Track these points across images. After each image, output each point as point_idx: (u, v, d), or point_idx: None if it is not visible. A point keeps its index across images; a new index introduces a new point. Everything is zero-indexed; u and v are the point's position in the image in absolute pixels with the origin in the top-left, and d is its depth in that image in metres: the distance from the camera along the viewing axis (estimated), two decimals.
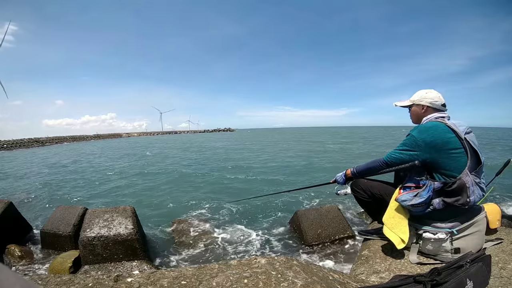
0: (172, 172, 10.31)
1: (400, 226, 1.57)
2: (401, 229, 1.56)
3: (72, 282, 1.12)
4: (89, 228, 2.79)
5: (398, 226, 1.57)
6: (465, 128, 1.52)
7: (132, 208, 3.13)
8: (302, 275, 1.12)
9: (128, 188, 7.79)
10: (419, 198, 1.48)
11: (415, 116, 1.72)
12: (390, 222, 1.60)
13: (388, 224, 1.60)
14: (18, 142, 37.72)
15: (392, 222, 1.59)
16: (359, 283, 1.31)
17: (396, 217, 1.59)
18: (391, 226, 1.59)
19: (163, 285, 1.08)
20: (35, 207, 5.89)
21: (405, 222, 1.58)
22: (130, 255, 2.76)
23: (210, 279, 1.11)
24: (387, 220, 1.62)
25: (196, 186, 7.67)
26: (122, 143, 37.79)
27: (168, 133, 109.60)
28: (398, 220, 1.58)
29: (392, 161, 1.62)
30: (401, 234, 1.55)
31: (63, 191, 7.63)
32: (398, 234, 1.56)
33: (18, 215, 3.72)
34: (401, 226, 1.57)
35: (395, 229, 1.57)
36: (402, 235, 1.55)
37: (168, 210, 5.35)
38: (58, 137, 52.90)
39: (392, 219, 1.60)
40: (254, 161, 13.13)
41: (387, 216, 1.62)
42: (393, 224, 1.58)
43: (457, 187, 1.44)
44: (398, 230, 1.57)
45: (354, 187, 1.91)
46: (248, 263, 1.25)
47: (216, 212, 4.93)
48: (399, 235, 1.55)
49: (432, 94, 1.65)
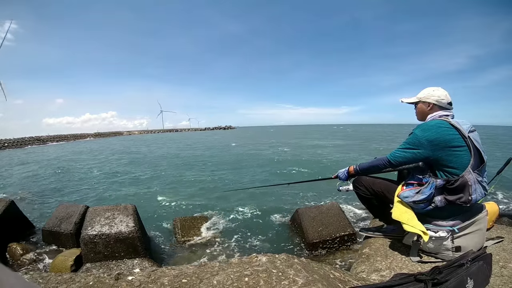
0: (172, 171, 10.33)
1: (414, 219, 1.53)
2: (417, 222, 1.51)
3: (73, 280, 1.13)
4: (90, 226, 2.80)
5: (413, 219, 1.53)
6: (469, 126, 1.51)
7: (133, 206, 3.14)
8: (303, 273, 1.12)
9: (130, 186, 7.80)
10: (421, 195, 1.48)
11: (421, 113, 1.71)
12: (405, 217, 1.54)
13: (404, 219, 1.54)
14: (19, 140, 37.79)
15: (407, 217, 1.54)
16: (360, 281, 1.31)
17: (407, 212, 1.56)
18: (407, 220, 1.53)
19: (164, 283, 1.08)
20: (37, 206, 5.91)
21: (414, 216, 1.54)
22: (131, 253, 2.77)
23: (211, 277, 1.11)
24: (400, 215, 1.56)
25: (196, 185, 7.68)
26: (121, 142, 37.81)
27: (169, 131, 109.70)
28: (411, 214, 1.55)
29: (395, 159, 1.61)
30: (419, 227, 1.50)
31: (64, 189, 7.65)
32: (417, 226, 1.50)
33: (19, 213, 3.74)
34: (415, 219, 1.53)
35: (412, 222, 1.52)
36: (421, 227, 1.49)
37: (169, 208, 5.36)
38: (58, 136, 52.98)
39: (405, 214, 1.55)
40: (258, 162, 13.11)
41: (399, 212, 1.57)
42: (408, 218, 1.53)
43: (459, 184, 1.43)
44: (415, 223, 1.51)
45: (356, 183, 1.91)
46: (249, 261, 1.25)
47: (217, 210, 4.94)
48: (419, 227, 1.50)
49: (439, 92, 1.64)
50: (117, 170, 11.02)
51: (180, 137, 46.11)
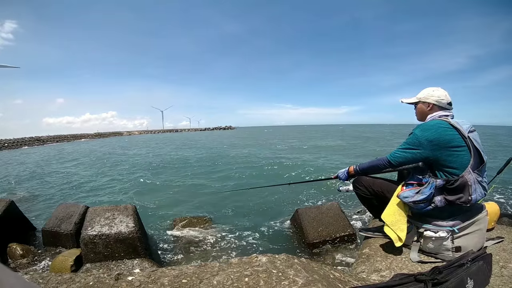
0: (172, 171, 10.32)
1: (399, 223, 1.57)
2: (400, 227, 1.56)
3: (73, 280, 1.12)
4: (90, 226, 2.79)
5: (397, 223, 1.57)
6: (469, 126, 1.51)
7: (134, 206, 3.13)
8: (303, 274, 1.12)
9: (130, 186, 7.80)
10: (421, 195, 1.48)
11: (421, 113, 1.71)
12: (390, 219, 1.59)
13: (388, 221, 1.59)
14: (19, 141, 37.77)
15: (392, 220, 1.59)
16: (360, 282, 1.31)
17: (396, 214, 1.59)
18: (390, 223, 1.58)
19: (164, 283, 1.08)
20: (37, 206, 5.91)
21: (404, 219, 1.57)
22: (131, 254, 2.77)
23: (211, 277, 1.11)
24: (387, 217, 1.61)
25: (196, 186, 7.68)
26: (121, 142, 37.80)
27: (169, 131, 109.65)
28: (398, 217, 1.58)
29: (395, 160, 1.62)
30: (399, 232, 1.55)
31: (64, 189, 7.65)
32: (397, 231, 1.55)
33: (19, 213, 3.73)
34: (400, 224, 1.56)
35: (394, 226, 1.57)
36: (400, 233, 1.54)
37: (169, 209, 5.36)
38: (58, 136, 52.96)
39: (392, 216, 1.59)
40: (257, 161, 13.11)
41: (387, 213, 1.62)
42: (392, 222, 1.58)
43: (459, 184, 1.43)
44: (397, 227, 1.56)
45: (356, 184, 1.91)
46: (249, 262, 1.25)
47: (217, 211, 4.94)
48: (397, 232, 1.55)
49: (438, 92, 1.64)
50: (117, 170, 11.02)
51: (180, 138, 46.11)
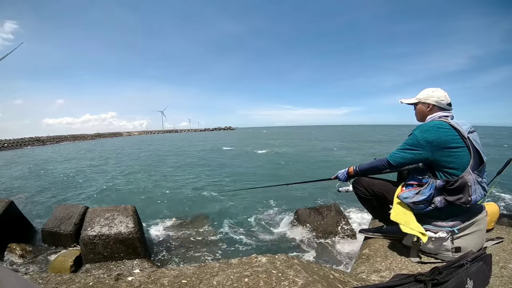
0: (172, 172, 10.32)
1: (413, 220, 1.53)
2: (415, 223, 1.52)
3: (72, 281, 1.12)
4: (90, 226, 2.79)
5: (412, 221, 1.53)
6: (469, 127, 1.51)
7: (133, 207, 3.13)
8: (302, 274, 1.12)
9: (129, 187, 7.80)
10: (420, 196, 1.48)
11: (420, 114, 1.70)
12: (403, 218, 1.55)
13: (402, 220, 1.55)
14: (19, 141, 37.76)
15: (405, 218, 1.54)
16: (359, 282, 1.31)
17: (406, 213, 1.56)
18: (405, 222, 1.53)
19: (164, 284, 1.08)
20: (36, 206, 5.91)
21: (413, 216, 1.54)
22: (131, 254, 2.77)
23: (211, 278, 1.11)
24: (398, 217, 1.56)
25: (197, 186, 7.67)
26: (121, 142, 37.76)
27: (169, 132, 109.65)
28: (409, 216, 1.55)
29: (395, 160, 1.61)
30: (419, 228, 1.50)
31: (64, 190, 7.64)
32: (416, 228, 1.51)
33: (19, 214, 3.73)
34: (413, 221, 1.53)
35: (411, 224, 1.52)
36: (420, 229, 1.50)
37: (168, 209, 5.36)
38: (58, 136, 52.95)
39: (403, 216, 1.55)
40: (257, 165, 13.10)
41: (397, 213, 1.57)
42: (406, 221, 1.54)
43: (459, 185, 1.43)
44: (413, 225, 1.52)
45: (355, 184, 1.91)
46: (249, 262, 1.25)
47: (217, 211, 4.94)
48: (417, 229, 1.50)
49: (438, 92, 1.63)
50: (116, 171, 11.01)
51: (179, 138, 46.07)
